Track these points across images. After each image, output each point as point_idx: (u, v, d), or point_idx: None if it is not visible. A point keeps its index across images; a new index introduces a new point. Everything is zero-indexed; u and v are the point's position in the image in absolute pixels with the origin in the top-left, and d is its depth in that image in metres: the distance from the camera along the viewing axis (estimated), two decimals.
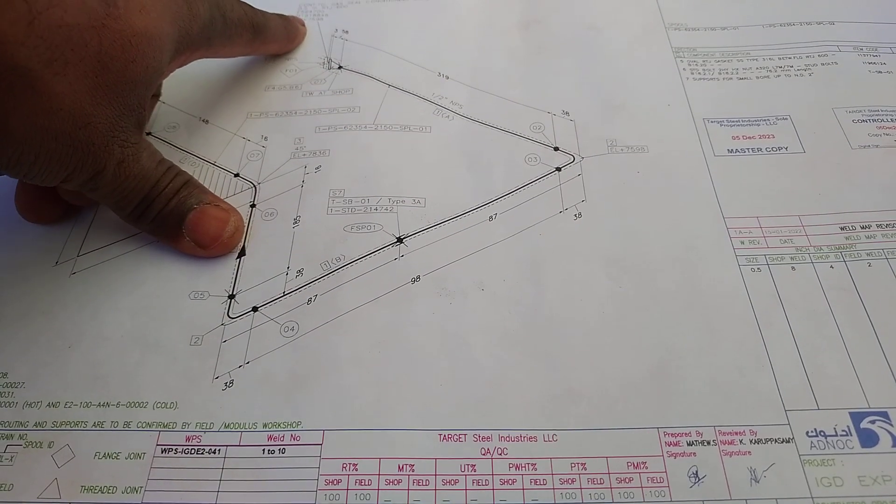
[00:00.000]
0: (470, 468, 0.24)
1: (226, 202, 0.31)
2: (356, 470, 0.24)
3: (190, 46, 0.29)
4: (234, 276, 0.29)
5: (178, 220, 0.29)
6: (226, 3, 0.31)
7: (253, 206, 0.32)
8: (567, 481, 0.23)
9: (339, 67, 0.37)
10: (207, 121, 0.35)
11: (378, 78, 0.37)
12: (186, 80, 0.37)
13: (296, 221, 0.31)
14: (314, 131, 0.34)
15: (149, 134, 0.35)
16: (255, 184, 0.32)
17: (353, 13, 0.40)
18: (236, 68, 0.38)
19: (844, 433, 0.24)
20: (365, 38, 0.39)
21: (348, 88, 0.36)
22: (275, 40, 0.36)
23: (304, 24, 0.39)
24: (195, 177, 0.32)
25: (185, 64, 0.31)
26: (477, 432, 0.25)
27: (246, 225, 0.31)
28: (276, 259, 0.30)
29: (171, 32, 0.27)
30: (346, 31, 0.39)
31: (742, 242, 0.29)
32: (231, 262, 0.30)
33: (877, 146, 0.31)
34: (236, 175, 0.33)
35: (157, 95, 0.35)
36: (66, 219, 0.31)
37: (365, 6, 0.41)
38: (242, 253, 0.30)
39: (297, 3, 0.41)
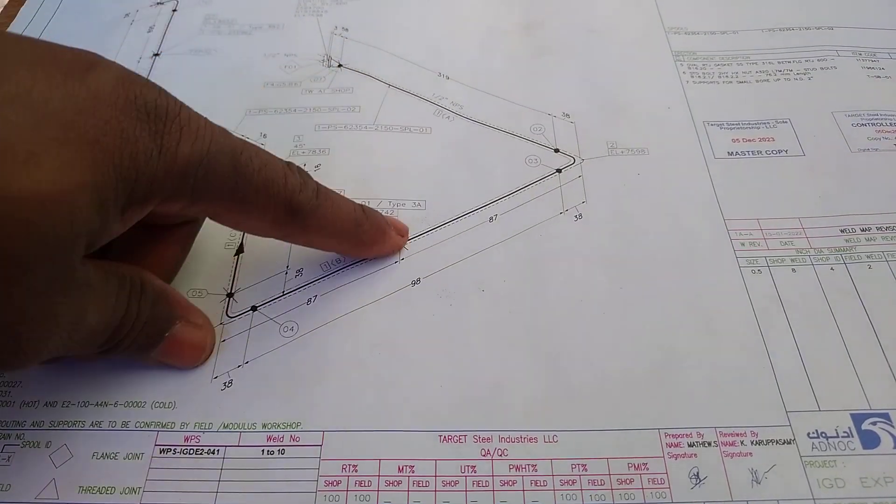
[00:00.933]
0: (470, 469, 0.24)
1: (196, 310, 0.26)
2: (356, 471, 0.24)
3: (157, 191, 0.20)
4: (233, 275, 0.29)
5: (147, 350, 0.25)
6: (243, 153, 0.23)
7: None
8: (567, 482, 0.23)
9: (339, 66, 0.37)
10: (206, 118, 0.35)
11: (378, 77, 0.36)
12: (184, 76, 0.37)
13: None
14: (314, 130, 0.34)
15: None
16: None
17: (353, 10, 0.40)
18: (234, 64, 0.37)
19: (846, 434, 0.24)
20: (365, 36, 0.39)
21: (348, 87, 0.36)
22: (329, 235, 0.26)
23: (406, 234, 0.30)
24: None
25: (172, 211, 0.22)
26: (477, 433, 0.24)
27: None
28: (275, 258, 0.29)
29: (96, 181, 0.19)
30: (346, 29, 0.39)
31: (743, 244, 0.29)
32: (229, 260, 0.29)
33: (876, 149, 0.32)
34: None
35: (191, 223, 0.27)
36: None
37: (365, 4, 0.41)
38: (241, 250, 0.30)
39: (296, 0, 0.41)
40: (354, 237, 0.27)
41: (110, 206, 0.19)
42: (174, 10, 0.41)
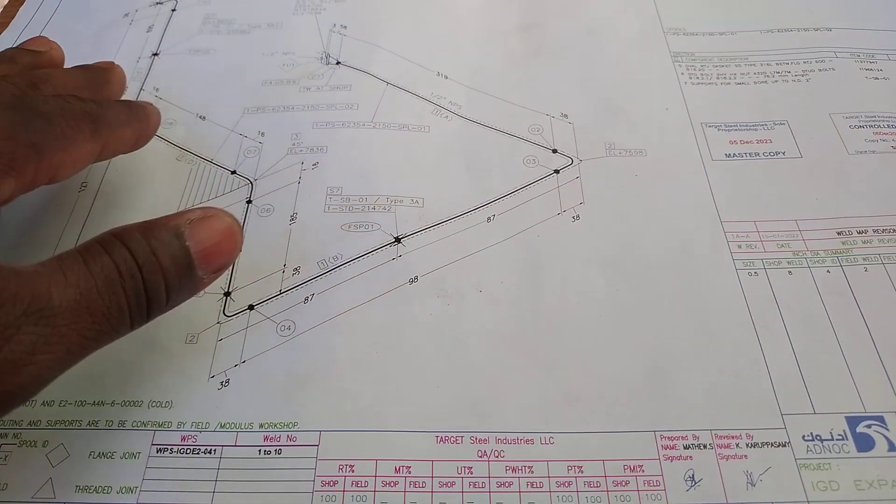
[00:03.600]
0: (466, 470, 0.24)
1: (191, 209, 0.23)
2: (352, 471, 0.24)
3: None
4: (230, 273, 0.29)
5: (190, 277, 0.22)
6: (35, 98, 0.24)
7: (249, 202, 0.31)
8: (563, 484, 0.23)
9: (338, 63, 0.37)
10: (204, 117, 0.35)
11: (376, 75, 0.36)
12: (182, 75, 0.37)
13: (292, 219, 0.31)
14: (311, 127, 0.34)
15: None
16: (252, 180, 0.32)
17: (351, 8, 0.40)
18: (233, 63, 0.37)
19: (840, 437, 0.24)
20: (363, 34, 0.39)
21: (346, 85, 0.36)
22: (123, 124, 0.27)
23: (153, 105, 0.30)
24: (193, 174, 0.32)
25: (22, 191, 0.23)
26: (474, 434, 0.25)
27: (242, 224, 0.30)
28: (273, 256, 0.29)
29: None
30: (345, 27, 0.39)
31: (739, 246, 0.29)
32: None
33: (873, 151, 0.32)
34: (233, 172, 0.33)
35: None
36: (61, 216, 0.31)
37: (364, 1, 0.41)
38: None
39: None
40: (134, 114, 0.28)
41: None
42: (173, 10, 0.41)
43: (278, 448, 0.24)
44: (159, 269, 0.21)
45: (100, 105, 0.26)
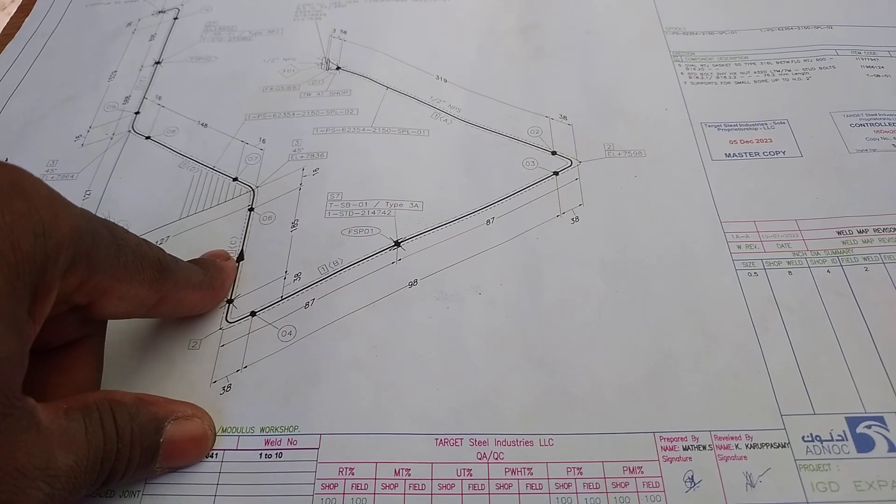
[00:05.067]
0: (466, 472, 0.24)
1: (181, 403, 0.25)
2: (353, 474, 0.24)
3: (53, 267, 0.20)
4: (233, 281, 0.29)
5: (149, 465, 0.23)
6: (114, 225, 0.23)
7: (251, 209, 0.32)
8: (563, 486, 0.23)
9: (338, 68, 0.38)
10: (206, 124, 0.35)
11: (376, 80, 0.37)
12: (184, 83, 0.37)
13: (294, 225, 0.31)
14: (312, 133, 0.34)
15: (148, 138, 0.35)
16: (254, 187, 0.32)
17: (351, 13, 0.41)
18: (234, 70, 0.38)
19: (840, 438, 0.24)
20: (363, 39, 0.39)
21: (346, 90, 0.36)
22: (192, 287, 0.26)
23: (232, 263, 0.29)
24: (195, 182, 0.33)
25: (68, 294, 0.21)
26: (473, 437, 0.25)
27: (244, 232, 0.31)
28: (274, 263, 0.30)
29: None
30: (345, 32, 0.39)
31: (739, 247, 0.29)
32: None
33: (874, 150, 0.31)
34: (235, 179, 0.33)
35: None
36: None
37: (363, 6, 0.41)
38: (241, 257, 0.30)
39: (295, 3, 0.41)
40: (208, 280, 0.27)
41: (14, 311, 0.18)
42: (175, 19, 0.41)
43: (279, 451, 0.25)
44: (127, 458, 0.22)
45: (176, 261, 0.25)
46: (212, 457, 0.24)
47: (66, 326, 0.23)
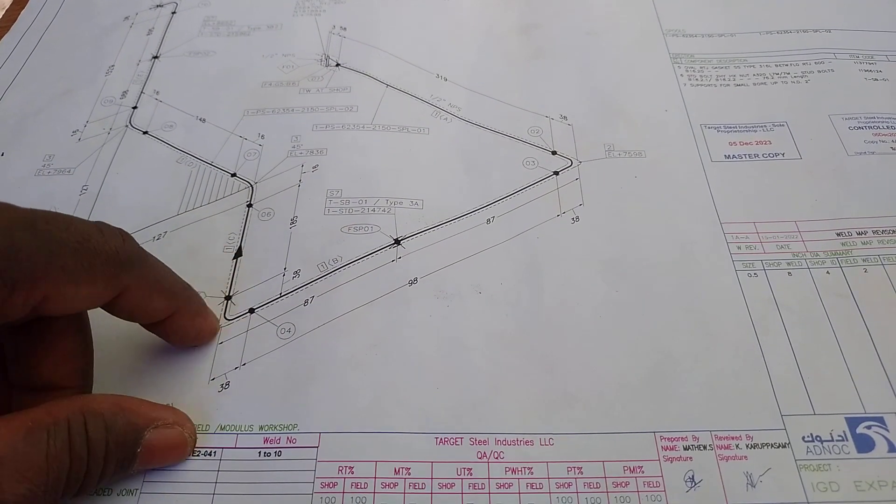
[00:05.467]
0: (466, 472, 0.24)
1: (164, 409, 0.24)
2: (352, 473, 0.24)
3: None
4: (231, 278, 0.29)
5: (125, 471, 0.23)
6: (51, 222, 0.21)
7: (250, 205, 0.31)
8: (563, 485, 0.23)
9: (337, 65, 0.37)
10: (204, 119, 0.35)
11: (376, 77, 0.37)
12: (182, 78, 0.37)
13: (293, 222, 0.31)
14: (311, 129, 0.34)
15: (146, 133, 0.35)
16: (252, 183, 0.32)
17: (351, 10, 0.40)
18: (233, 66, 0.37)
19: (840, 438, 0.24)
20: (363, 35, 0.39)
21: (346, 87, 0.36)
22: (163, 290, 0.24)
23: (214, 319, 0.27)
24: (193, 177, 0.32)
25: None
26: (473, 436, 0.25)
27: (242, 228, 0.30)
28: (273, 260, 0.29)
29: None
30: (344, 28, 0.39)
31: (739, 248, 0.29)
32: (228, 262, 0.29)
33: (873, 153, 0.32)
34: (233, 175, 0.33)
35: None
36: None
37: (363, 3, 0.41)
38: (239, 254, 0.30)
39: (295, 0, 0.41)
40: (184, 297, 0.25)
41: None
42: (173, 13, 0.41)
43: (278, 450, 0.24)
44: (99, 471, 0.21)
45: (146, 258, 0.23)
46: (210, 455, 0.24)
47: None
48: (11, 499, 0.18)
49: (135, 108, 0.36)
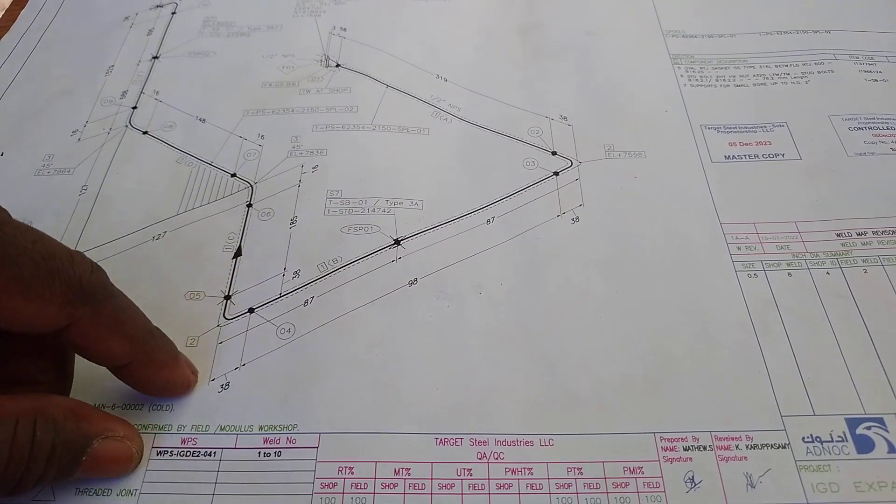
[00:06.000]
0: (466, 472, 0.24)
1: (117, 421, 0.24)
2: (352, 473, 0.24)
3: None
4: (231, 277, 0.29)
5: (66, 476, 0.22)
6: (14, 232, 0.20)
7: (249, 205, 0.31)
8: (563, 486, 0.23)
9: (337, 65, 0.37)
10: (204, 119, 0.35)
11: (376, 78, 0.37)
12: (182, 78, 0.37)
13: (293, 222, 0.31)
14: (311, 130, 0.34)
15: (145, 133, 0.35)
16: (252, 183, 0.32)
17: (351, 10, 0.40)
18: (233, 66, 0.37)
19: (840, 439, 0.24)
20: (363, 36, 0.39)
21: (346, 87, 0.36)
22: (124, 335, 0.23)
23: (195, 374, 0.26)
24: (193, 177, 0.32)
25: None
26: (473, 436, 0.25)
27: (242, 228, 0.30)
28: (273, 260, 0.29)
29: None
30: (345, 29, 0.39)
31: (739, 248, 0.29)
32: (227, 262, 0.29)
33: (873, 153, 0.32)
34: (233, 175, 0.33)
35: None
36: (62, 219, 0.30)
37: (364, 4, 0.41)
38: (239, 253, 0.30)
39: (295, 0, 0.41)
40: (148, 346, 0.24)
41: None
42: (173, 13, 0.41)
43: (278, 450, 0.24)
44: (40, 473, 0.21)
45: (114, 296, 0.22)
46: (210, 455, 0.24)
47: None
48: None
49: (134, 108, 0.36)
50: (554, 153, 0.33)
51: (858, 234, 0.29)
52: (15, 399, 0.21)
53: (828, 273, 0.28)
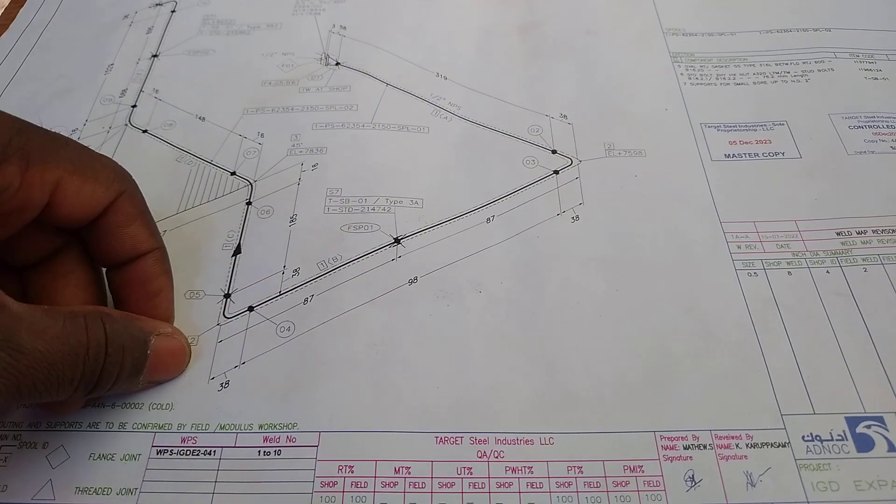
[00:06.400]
0: (466, 471, 0.24)
1: (161, 322, 0.26)
2: (352, 472, 0.24)
3: None
4: (230, 275, 0.29)
5: (137, 374, 0.24)
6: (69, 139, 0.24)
7: (249, 203, 0.31)
8: (563, 484, 0.23)
9: (337, 64, 0.37)
10: (204, 118, 0.35)
11: (376, 76, 0.36)
12: (182, 76, 0.37)
13: (292, 220, 0.31)
14: (311, 128, 0.34)
15: (145, 132, 0.35)
16: (252, 182, 0.32)
17: (351, 9, 0.40)
18: (232, 64, 0.37)
19: (840, 438, 0.24)
20: (363, 34, 0.39)
21: (346, 86, 0.36)
22: (151, 229, 0.26)
23: (189, 348, 0.27)
24: (193, 176, 0.32)
25: None
26: (473, 435, 0.25)
27: (241, 226, 0.30)
28: (273, 258, 0.29)
29: None
30: (344, 27, 0.39)
31: (739, 247, 0.29)
32: (227, 260, 0.29)
33: (872, 152, 0.32)
34: (233, 173, 0.33)
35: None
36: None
37: (363, 2, 0.41)
38: (238, 251, 0.30)
39: None
40: (162, 244, 0.27)
41: None
42: (173, 11, 0.41)
43: (278, 449, 0.24)
44: (118, 364, 0.22)
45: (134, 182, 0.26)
46: (210, 454, 0.24)
47: (34, 239, 0.24)
48: (30, 348, 0.19)
49: (134, 106, 0.36)
50: (554, 152, 0.33)
51: (858, 233, 0.29)
52: (77, 305, 0.23)
53: (828, 272, 0.28)
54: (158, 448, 0.24)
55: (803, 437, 0.24)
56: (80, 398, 0.24)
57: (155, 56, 0.38)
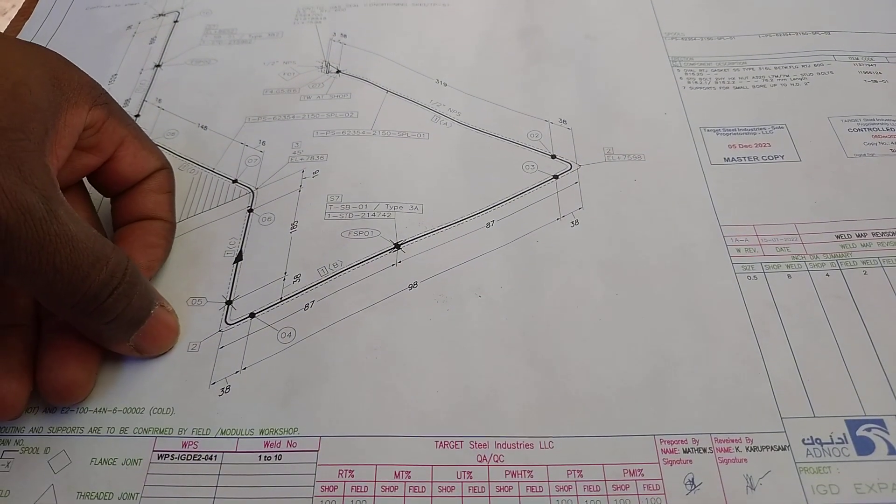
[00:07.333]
0: (466, 475, 0.24)
1: (165, 299, 0.27)
2: (352, 476, 0.24)
3: (81, 97, 0.25)
4: (232, 282, 0.29)
5: (133, 327, 0.25)
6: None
7: (250, 210, 0.32)
8: (563, 488, 0.23)
9: (338, 72, 0.38)
10: (206, 127, 0.35)
11: (376, 83, 0.37)
12: (185, 86, 0.37)
13: (293, 227, 0.31)
14: (312, 136, 0.34)
15: None
16: (253, 189, 0.32)
17: (351, 17, 0.41)
18: (234, 73, 0.38)
19: (840, 441, 0.24)
20: (363, 42, 0.39)
21: (346, 93, 0.36)
22: (157, 155, 0.29)
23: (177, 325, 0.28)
24: (195, 184, 0.33)
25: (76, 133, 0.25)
26: (473, 439, 0.25)
27: (243, 233, 0.31)
28: (274, 264, 0.30)
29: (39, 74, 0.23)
30: (345, 35, 0.40)
31: (738, 250, 0.29)
32: (228, 267, 0.30)
33: (872, 155, 0.31)
34: (234, 181, 0.33)
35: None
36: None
37: (363, 10, 0.41)
38: (240, 258, 0.30)
39: (296, 7, 0.41)
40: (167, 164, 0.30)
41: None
42: (175, 22, 0.41)
43: (278, 454, 0.24)
44: (127, 298, 0.24)
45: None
46: (211, 459, 0.24)
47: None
48: (61, 210, 0.21)
49: (137, 115, 0.36)
50: (553, 156, 0.33)
51: (858, 236, 0.29)
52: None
53: (827, 275, 0.28)
54: (159, 453, 0.25)
55: (803, 440, 0.24)
56: (85, 319, 0.24)
57: (158, 66, 0.38)
